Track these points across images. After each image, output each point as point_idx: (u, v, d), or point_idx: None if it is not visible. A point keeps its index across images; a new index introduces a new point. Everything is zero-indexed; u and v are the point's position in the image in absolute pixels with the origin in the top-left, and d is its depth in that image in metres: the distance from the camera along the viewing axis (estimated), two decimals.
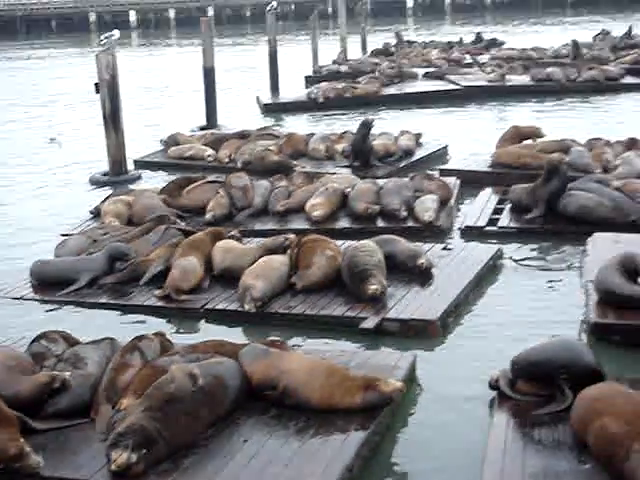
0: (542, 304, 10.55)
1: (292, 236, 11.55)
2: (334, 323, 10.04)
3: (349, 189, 14.05)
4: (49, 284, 11.60)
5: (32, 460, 6.70)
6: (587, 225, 12.52)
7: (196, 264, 11.16)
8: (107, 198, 14.96)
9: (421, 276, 10.91)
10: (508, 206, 13.86)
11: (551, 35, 45.93)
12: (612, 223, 12.46)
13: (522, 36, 48.14)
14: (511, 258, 12.11)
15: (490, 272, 11.53)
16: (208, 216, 13.62)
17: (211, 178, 15.31)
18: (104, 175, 18.50)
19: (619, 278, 9.64)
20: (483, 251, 12.02)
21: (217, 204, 13.91)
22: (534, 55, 34.49)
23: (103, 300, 11.06)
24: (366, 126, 16.87)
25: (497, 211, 13.87)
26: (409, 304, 10.24)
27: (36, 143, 23.97)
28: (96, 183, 18.27)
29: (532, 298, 10.79)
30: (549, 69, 28.78)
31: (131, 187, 17.34)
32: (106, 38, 18.42)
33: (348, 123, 22.00)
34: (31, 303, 11.36)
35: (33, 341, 8.74)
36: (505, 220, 13.45)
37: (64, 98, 33.22)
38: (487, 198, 14.61)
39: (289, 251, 11.13)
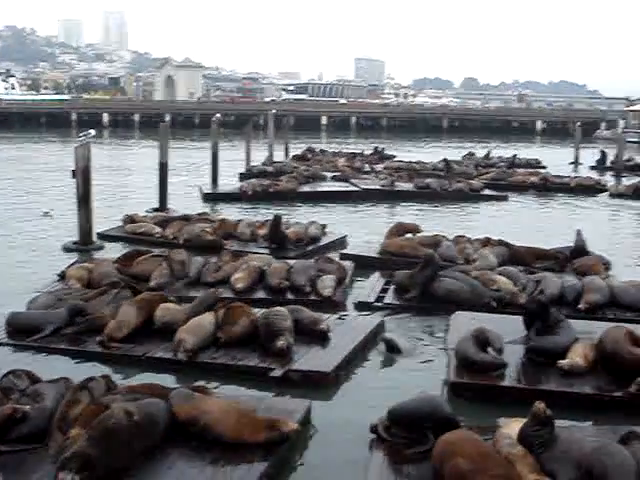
0: (414, 365, 10.62)
1: (220, 290, 11.45)
2: (248, 372, 9.93)
3: (266, 267, 14.05)
4: (21, 331, 11.29)
5: None
6: (452, 304, 12.67)
7: (132, 317, 11.01)
8: (72, 264, 14.72)
9: (320, 338, 10.89)
10: (392, 287, 13.93)
11: (431, 153, 46.92)
12: (471, 304, 12.65)
13: (408, 152, 49.09)
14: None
15: (374, 338, 11.53)
16: (152, 283, 13.41)
17: (156, 252, 15.17)
18: (74, 244, 18.19)
19: (472, 347, 9.82)
20: (369, 321, 12.08)
21: (160, 274, 13.75)
22: (417, 167, 35.22)
23: (62, 346, 10.78)
24: (277, 219, 17.09)
25: (384, 290, 13.95)
26: (310, 359, 10.22)
27: (20, 214, 23.56)
28: (67, 250, 17.95)
29: (406, 360, 10.84)
30: (428, 179, 29.38)
31: (95, 255, 17.06)
32: (84, 135, 18.32)
33: (270, 213, 22.04)
34: (4, 347, 11.04)
35: (1, 377, 8.50)
36: (389, 298, 13.52)
37: (48, 179, 32.76)
38: (376, 279, 14.71)
39: (216, 312, 11.02)
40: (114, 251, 16.88)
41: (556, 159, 44.42)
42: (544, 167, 38.47)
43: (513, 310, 12.24)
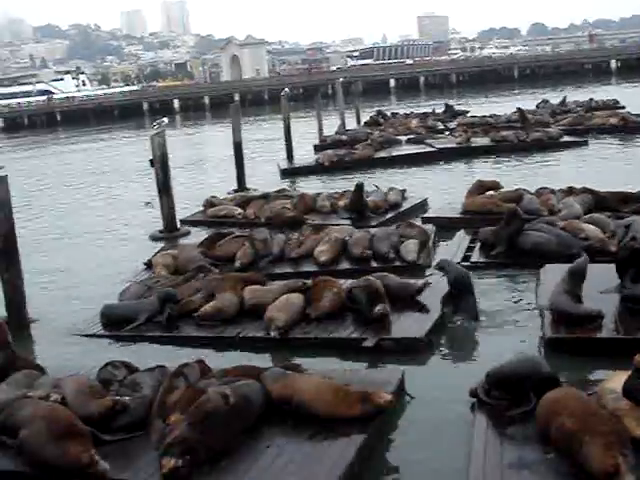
0: (506, 323, 10.44)
1: (308, 282, 11.44)
2: (341, 344, 9.96)
3: (347, 237, 14.01)
4: (115, 323, 11.56)
5: (101, 466, 6.72)
6: (540, 257, 12.42)
7: (233, 303, 11.17)
8: (157, 252, 14.96)
9: (410, 303, 10.81)
10: (478, 245, 13.75)
11: (503, 105, 45.97)
12: (559, 256, 12.34)
13: (481, 106, 48.22)
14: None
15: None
16: (237, 264, 13.55)
17: (238, 233, 15.24)
18: (160, 232, 18.46)
19: (569, 300, 9.56)
20: None
21: (243, 254, 13.84)
22: (491, 121, 34.47)
23: (156, 334, 11.01)
24: (359, 187, 16.89)
25: (469, 249, 13.77)
26: (401, 326, 10.15)
27: (103, 206, 24.13)
28: (154, 239, 18.24)
29: (498, 318, 10.67)
30: (504, 132, 28.80)
31: (181, 241, 17.31)
32: (158, 124, 18.55)
33: (349, 183, 21.93)
34: (100, 339, 11.32)
35: (101, 369, 8.73)
36: (476, 256, 13.35)
37: (126, 170, 33.39)
38: (461, 239, 14.54)
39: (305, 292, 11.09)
40: (199, 236, 17.05)
41: (636, 98, 42.93)
42: (623, 107, 37.20)
43: (604, 258, 11.84)
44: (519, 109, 33.14)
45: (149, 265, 14.40)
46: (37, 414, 7.22)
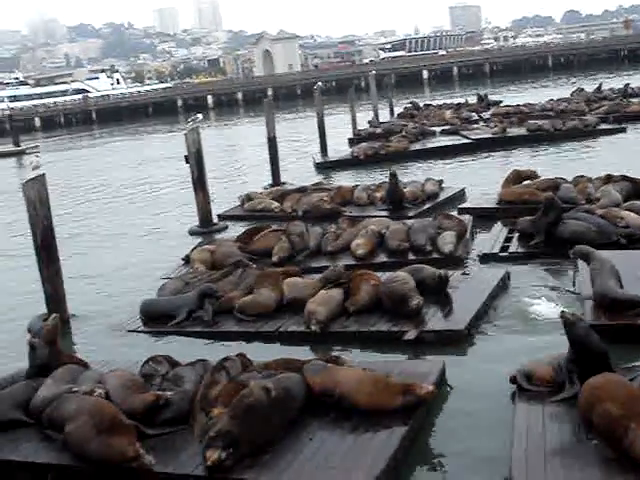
0: (545, 313, 10.35)
1: (339, 264, 11.44)
2: (381, 337, 9.95)
3: (384, 230, 13.96)
4: (154, 319, 11.65)
5: (146, 459, 6.80)
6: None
7: (271, 300, 11.20)
8: (195, 248, 14.99)
9: (447, 296, 10.78)
10: (516, 235, 13.64)
11: (538, 94, 45.56)
12: (598, 243, 12.18)
13: (515, 96, 47.81)
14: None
15: (502, 289, 11.37)
16: (274, 258, 13.58)
17: (275, 227, 15.23)
18: (199, 227, 18.57)
19: (614, 285, 9.47)
20: (494, 274, 11.80)
21: (280, 248, 13.86)
22: (526, 110, 34.22)
23: (197, 329, 11.09)
24: (393, 176, 16.84)
25: (507, 239, 13.66)
26: (441, 318, 10.15)
27: (143, 203, 24.33)
28: (193, 234, 18.31)
29: (537, 307, 10.57)
30: (539, 121, 28.59)
31: (219, 236, 17.34)
32: (192, 120, 18.66)
33: (384, 176, 21.88)
34: (141, 334, 11.43)
35: (143, 364, 8.81)
36: (514, 246, 13.25)
37: (161, 166, 33.59)
38: (499, 230, 14.42)
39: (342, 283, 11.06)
40: (237, 231, 17.12)
41: None
42: None
43: None
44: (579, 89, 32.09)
45: (187, 261, 14.45)
46: (82, 408, 7.30)
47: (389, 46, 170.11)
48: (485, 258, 13.06)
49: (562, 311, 7.88)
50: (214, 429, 6.84)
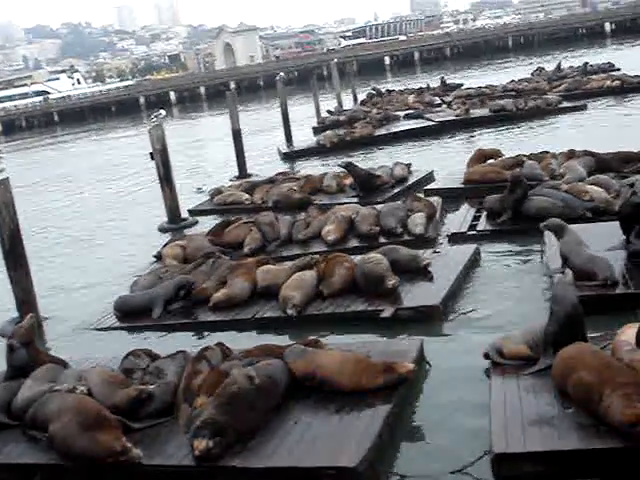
0: (516, 289, 10.51)
1: (317, 256, 11.54)
2: (357, 317, 10.04)
3: (354, 215, 14.02)
4: (129, 314, 11.65)
5: (134, 453, 6.79)
6: None
7: (244, 290, 11.25)
8: (166, 244, 14.91)
9: (421, 274, 10.91)
10: (484, 214, 13.77)
11: (499, 75, 45.82)
12: (565, 218, 12.34)
13: (478, 78, 48.07)
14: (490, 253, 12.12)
15: (473, 265, 11.53)
16: (246, 249, 13.63)
17: (245, 219, 15.23)
18: (168, 224, 18.50)
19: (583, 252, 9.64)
20: (465, 251, 11.98)
21: (252, 239, 13.91)
22: (487, 91, 34.42)
23: (172, 322, 11.11)
24: (347, 166, 17.15)
25: (475, 218, 13.82)
26: (415, 295, 10.27)
27: (110, 202, 24.19)
28: (162, 230, 18.27)
29: (506, 282, 10.78)
30: (502, 101, 28.80)
31: (189, 231, 17.25)
32: (155, 117, 18.56)
33: (352, 161, 21.95)
34: (116, 331, 11.41)
35: (123, 359, 8.80)
36: (482, 225, 13.39)
37: (126, 165, 33.38)
38: (466, 209, 14.59)
39: (316, 267, 11.11)
40: (207, 225, 17.12)
41: (632, 59, 42.72)
42: (618, 69, 37.10)
43: (610, 219, 11.84)
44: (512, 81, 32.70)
45: (159, 258, 14.43)
46: (66, 407, 7.28)
47: (350, 34, 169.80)
48: (454, 237, 13.18)
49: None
50: (200, 419, 6.86)
